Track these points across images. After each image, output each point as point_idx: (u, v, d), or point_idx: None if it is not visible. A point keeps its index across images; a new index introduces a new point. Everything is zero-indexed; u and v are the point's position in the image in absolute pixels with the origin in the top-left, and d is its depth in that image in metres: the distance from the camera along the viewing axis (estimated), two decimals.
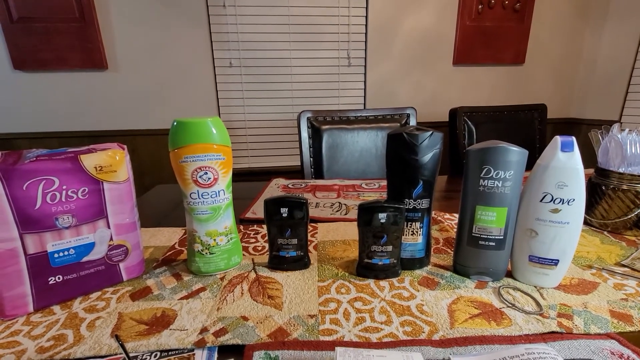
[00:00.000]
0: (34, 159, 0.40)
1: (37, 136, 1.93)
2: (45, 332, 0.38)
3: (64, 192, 0.41)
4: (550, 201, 0.43)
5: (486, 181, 0.44)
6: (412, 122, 1.26)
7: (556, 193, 0.42)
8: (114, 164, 0.45)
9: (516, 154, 0.42)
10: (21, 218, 0.39)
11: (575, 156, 0.41)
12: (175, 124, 0.45)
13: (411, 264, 0.50)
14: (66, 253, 0.43)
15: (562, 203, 0.42)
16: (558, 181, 0.42)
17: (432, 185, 0.48)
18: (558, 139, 0.42)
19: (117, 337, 0.32)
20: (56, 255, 0.42)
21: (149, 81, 1.93)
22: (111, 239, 0.46)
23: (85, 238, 0.44)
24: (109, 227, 0.46)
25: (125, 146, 0.48)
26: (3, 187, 0.37)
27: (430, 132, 0.45)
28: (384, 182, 0.96)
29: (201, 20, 1.88)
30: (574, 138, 0.42)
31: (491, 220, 0.45)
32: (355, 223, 0.55)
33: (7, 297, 0.40)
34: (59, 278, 0.43)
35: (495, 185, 0.43)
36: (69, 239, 0.43)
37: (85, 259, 0.44)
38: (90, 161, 0.43)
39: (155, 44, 1.88)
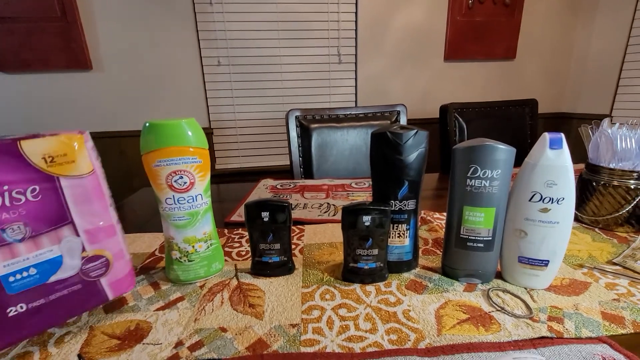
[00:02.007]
0: None
1: None
2: (9, 350, 0.36)
3: (6, 193, 0.31)
4: (539, 200, 0.41)
5: (473, 181, 0.42)
6: (403, 119, 1.24)
7: (545, 192, 0.41)
8: (69, 153, 0.34)
9: (503, 152, 0.41)
10: None
11: (564, 154, 0.40)
12: (147, 125, 0.43)
13: (398, 267, 0.49)
14: (25, 274, 0.33)
15: (552, 202, 0.41)
16: (547, 180, 0.40)
17: (418, 186, 0.46)
18: (546, 135, 0.40)
19: (79, 357, 0.29)
20: (12, 278, 0.33)
21: (135, 81, 1.89)
22: (84, 249, 0.37)
23: (48, 252, 0.34)
24: (77, 235, 0.36)
25: (86, 131, 0.38)
26: None
27: (415, 130, 0.44)
28: None
29: (188, 18, 1.84)
30: (562, 135, 0.40)
31: (479, 221, 0.43)
32: None
33: None
34: (21, 307, 0.34)
35: (482, 185, 0.42)
36: (25, 255, 0.33)
37: (53, 278, 0.35)
38: (34, 148, 0.32)
39: (141, 43, 1.84)
